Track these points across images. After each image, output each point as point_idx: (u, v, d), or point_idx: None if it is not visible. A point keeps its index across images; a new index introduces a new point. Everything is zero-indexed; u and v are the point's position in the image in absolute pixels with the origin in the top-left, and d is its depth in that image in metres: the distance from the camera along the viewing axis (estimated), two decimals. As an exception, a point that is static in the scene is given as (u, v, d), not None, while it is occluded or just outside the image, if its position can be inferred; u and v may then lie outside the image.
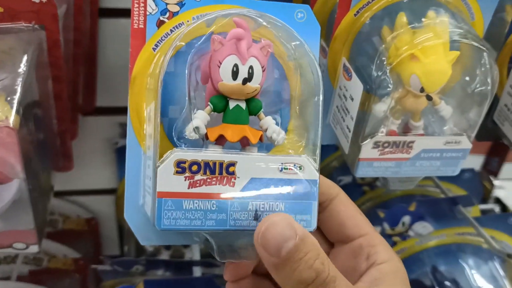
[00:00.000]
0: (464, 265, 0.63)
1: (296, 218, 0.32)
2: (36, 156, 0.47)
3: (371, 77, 0.41)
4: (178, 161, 0.31)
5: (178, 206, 0.31)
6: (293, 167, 0.33)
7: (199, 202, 0.32)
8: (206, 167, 0.31)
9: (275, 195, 0.32)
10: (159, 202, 0.31)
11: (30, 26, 0.42)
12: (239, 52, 0.32)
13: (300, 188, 0.33)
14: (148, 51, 0.36)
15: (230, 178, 0.32)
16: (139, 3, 0.35)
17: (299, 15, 0.36)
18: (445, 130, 0.45)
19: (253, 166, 0.32)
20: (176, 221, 0.31)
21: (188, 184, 0.31)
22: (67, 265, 0.74)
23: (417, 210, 0.63)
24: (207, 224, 0.32)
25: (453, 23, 0.40)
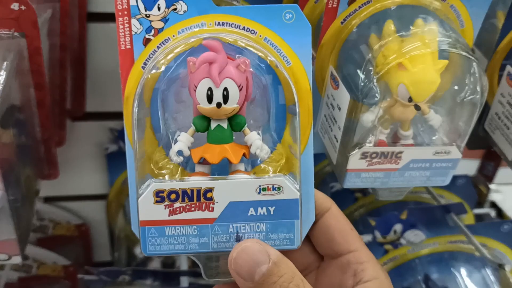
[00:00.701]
0: (456, 273, 0.63)
1: (279, 237, 0.33)
2: (18, 163, 0.46)
3: (358, 86, 0.41)
4: (156, 191, 0.32)
5: (161, 232, 0.33)
6: (272, 188, 0.33)
7: (181, 228, 0.33)
8: (184, 194, 0.33)
9: (256, 216, 0.33)
10: (142, 230, 0.33)
11: (9, 33, 0.41)
12: (211, 76, 0.32)
13: (281, 208, 0.33)
14: (137, 70, 0.36)
15: (208, 204, 0.33)
16: (123, 24, 0.35)
17: (288, 16, 0.36)
18: (434, 140, 0.44)
19: (231, 190, 0.33)
20: (161, 246, 0.33)
21: (168, 212, 0.33)
22: (56, 272, 0.73)
23: (408, 218, 0.63)
24: (190, 248, 0.33)
25: (441, 31, 0.40)
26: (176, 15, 0.36)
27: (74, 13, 0.60)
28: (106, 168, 0.77)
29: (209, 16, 0.37)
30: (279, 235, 0.33)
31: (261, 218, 0.33)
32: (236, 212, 0.33)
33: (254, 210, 0.33)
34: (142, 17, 0.35)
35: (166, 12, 0.36)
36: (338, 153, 0.44)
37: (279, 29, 0.35)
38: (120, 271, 0.59)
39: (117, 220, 0.79)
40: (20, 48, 0.42)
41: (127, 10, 0.35)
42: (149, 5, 0.35)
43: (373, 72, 0.40)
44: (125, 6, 0.35)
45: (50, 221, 0.79)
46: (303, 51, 0.35)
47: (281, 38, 0.36)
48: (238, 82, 0.33)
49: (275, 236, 0.33)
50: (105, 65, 0.69)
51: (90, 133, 0.74)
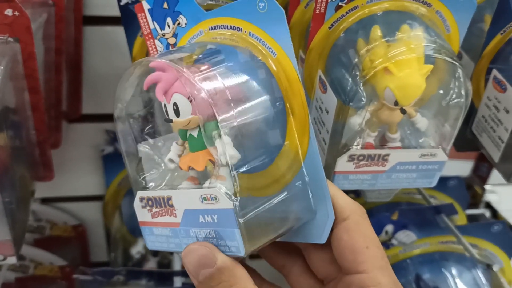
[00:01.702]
0: (447, 274, 0.63)
1: (227, 244, 0.33)
2: (13, 165, 0.47)
3: (346, 89, 0.41)
4: (140, 197, 0.37)
5: (151, 232, 0.37)
6: (210, 198, 0.33)
7: (161, 229, 0.36)
8: (155, 201, 0.36)
9: (205, 223, 0.33)
10: (142, 229, 0.38)
11: (3, 38, 0.42)
12: (157, 95, 0.33)
13: (221, 217, 0.33)
14: None
15: (172, 210, 0.35)
16: (151, 46, 0.40)
17: (261, 5, 0.34)
18: (421, 142, 0.45)
19: (184, 198, 0.34)
20: (154, 243, 0.38)
21: (151, 215, 0.37)
22: (53, 272, 0.74)
23: (400, 219, 0.63)
24: (170, 247, 0.36)
25: (427, 37, 0.40)
26: (181, 29, 0.39)
27: (69, 17, 0.61)
28: (102, 170, 0.78)
29: (203, 23, 0.38)
30: (226, 241, 0.33)
31: (209, 225, 0.33)
32: (191, 218, 0.34)
33: (202, 217, 0.33)
34: (161, 37, 0.40)
35: (174, 28, 0.39)
36: (326, 155, 0.45)
37: (257, 21, 0.35)
38: (115, 272, 0.60)
39: (114, 221, 0.80)
40: (14, 53, 0.43)
41: (150, 33, 0.40)
42: (162, 24, 0.39)
43: (360, 76, 0.41)
44: (148, 30, 0.40)
45: (47, 222, 0.80)
46: (283, 40, 0.34)
47: (262, 30, 0.35)
48: (186, 94, 0.32)
49: (223, 243, 0.33)
50: (101, 67, 0.70)
51: (86, 135, 0.75)
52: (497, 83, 0.46)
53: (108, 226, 0.81)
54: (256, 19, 0.34)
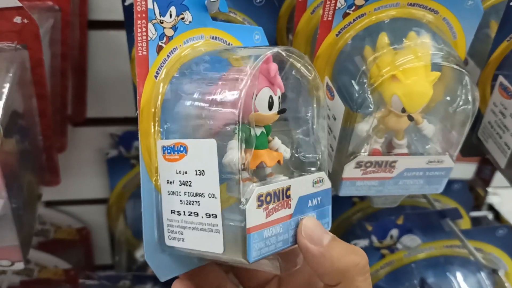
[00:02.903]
0: (452, 278, 0.63)
1: (323, 222, 0.37)
2: (20, 170, 0.47)
3: (353, 97, 0.42)
4: (258, 195, 0.33)
5: (260, 237, 0.33)
6: (319, 181, 0.37)
7: (272, 228, 0.34)
8: (275, 196, 0.34)
9: (312, 206, 0.36)
10: (249, 237, 0.32)
11: (12, 45, 0.42)
12: (278, 85, 0.34)
13: (324, 197, 0.37)
14: (151, 80, 0.35)
15: (288, 201, 0.35)
16: (141, 27, 0.34)
17: (256, 36, 0.41)
18: (428, 148, 0.45)
19: (300, 186, 0.35)
20: (260, 250, 0.33)
21: (265, 214, 0.33)
22: (58, 275, 0.74)
23: (405, 223, 0.63)
24: (277, 246, 0.34)
25: (434, 44, 0.40)
26: (184, 25, 0.36)
27: (75, 21, 0.61)
28: (107, 173, 0.78)
29: (207, 29, 0.38)
30: (323, 220, 0.37)
31: (314, 207, 0.36)
32: (302, 205, 0.35)
33: (311, 202, 0.36)
34: (157, 22, 0.35)
35: (176, 20, 0.36)
36: (333, 161, 0.45)
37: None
38: (121, 276, 0.60)
39: (118, 224, 0.80)
40: (23, 59, 0.43)
41: (145, 12, 0.34)
42: (163, 10, 0.35)
43: (367, 83, 0.41)
44: (144, 8, 0.34)
45: (52, 225, 0.80)
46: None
47: None
48: (282, 91, 0.35)
49: (321, 222, 0.36)
50: (106, 71, 0.70)
51: (91, 138, 0.75)
52: (503, 89, 0.46)
53: (112, 229, 0.81)
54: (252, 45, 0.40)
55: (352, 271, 0.33)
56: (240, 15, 0.49)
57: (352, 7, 0.42)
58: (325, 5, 0.41)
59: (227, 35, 0.38)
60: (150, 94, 0.35)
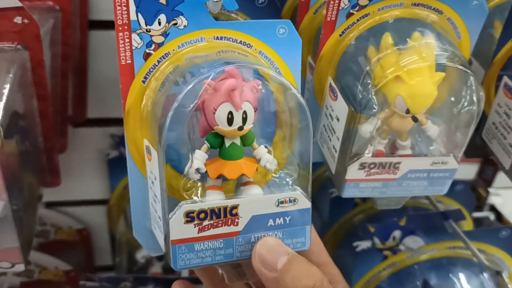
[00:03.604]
0: (455, 279, 0.63)
1: (292, 242, 0.37)
2: (21, 171, 0.47)
3: (357, 97, 0.41)
4: (187, 212, 0.34)
5: (190, 249, 0.35)
6: (288, 201, 0.36)
7: (208, 243, 0.35)
8: (212, 213, 0.35)
9: (274, 226, 0.36)
10: (173, 248, 0.35)
11: (12, 46, 0.42)
12: (233, 102, 0.33)
13: (295, 217, 0.36)
14: (138, 85, 0.37)
15: (234, 219, 0.35)
16: (123, 38, 0.35)
17: (281, 30, 0.38)
18: (432, 149, 0.45)
19: (253, 205, 0.35)
20: (190, 261, 0.35)
21: (197, 229, 0.35)
22: (58, 276, 0.74)
23: (407, 224, 0.63)
24: (216, 259, 0.36)
25: (438, 44, 0.40)
26: (177, 30, 0.36)
27: (75, 21, 0.61)
28: (107, 174, 0.78)
29: (208, 30, 0.37)
30: (293, 240, 0.37)
31: (279, 227, 0.36)
32: (257, 224, 0.36)
33: (273, 221, 0.36)
34: (143, 32, 0.35)
35: (166, 27, 0.36)
36: (336, 163, 0.45)
37: (272, 43, 0.38)
38: (122, 278, 0.60)
39: (118, 225, 0.80)
40: (23, 60, 0.43)
41: (128, 25, 0.35)
42: (150, 20, 0.35)
43: (371, 84, 0.41)
44: (125, 21, 0.35)
45: (52, 226, 0.80)
46: (293, 63, 0.39)
47: (274, 51, 0.38)
48: (253, 104, 0.34)
49: (289, 241, 0.37)
50: (106, 71, 0.69)
51: (91, 139, 0.75)
52: (507, 90, 0.46)
53: (113, 230, 0.81)
54: (271, 41, 0.38)
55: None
56: (242, 15, 0.49)
57: (356, 7, 0.42)
58: (329, 5, 0.41)
59: (237, 33, 0.38)
60: (137, 97, 0.37)
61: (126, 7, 0.35)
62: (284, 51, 0.38)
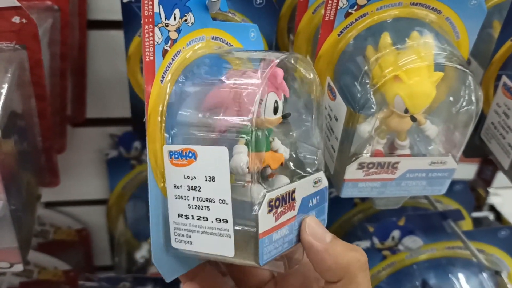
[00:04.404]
0: (454, 279, 0.63)
1: (320, 219, 0.38)
2: (19, 171, 0.47)
3: (355, 97, 0.41)
4: (269, 200, 0.33)
5: (270, 240, 0.34)
6: (318, 181, 0.38)
7: (280, 231, 0.35)
8: (282, 200, 0.34)
9: (312, 206, 0.38)
10: (261, 242, 0.33)
11: (11, 45, 0.42)
12: (283, 91, 0.35)
13: (321, 196, 0.38)
14: (157, 84, 0.35)
15: (293, 204, 0.35)
16: (148, 32, 0.33)
17: (252, 34, 0.41)
18: (430, 149, 0.45)
19: (303, 187, 0.36)
20: (269, 253, 0.34)
21: (274, 218, 0.34)
22: (57, 276, 0.73)
23: (406, 224, 0.63)
24: (283, 248, 0.35)
25: (437, 44, 0.40)
26: (187, 26, 0.36)
27: (74, 21, 0.61)
28: (107, 174, 0.78)
29: (208, 29, 0.37)
30: (320, 218, 0.38)
31: (314, 206, 0.38)
32: (304, 205, 0.36)
33: (311, 201, 0.37)
34: (163, 26, 0.34)
35: (180, 23, 0.35)
36: (335, 163, 0.45)
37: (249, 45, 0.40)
38: (121, 278, 0.60)
39: (118, 225, 0.80)
40: (21, 60, 0.42)
41: (152, 17, 0.33)
42: (168, 13, 0.34)
43: (370, 84, 0.40)
44: (151, 12, 0.33)
45: (51, 226, 0.80)
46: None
47: None
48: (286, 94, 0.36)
49: (320, 219, 0.38)
50: (105, 71, 0.69)
51: (90, 139, 0.75)
52: (506, 89, 0.46)
53: (112, 230, 0.81)
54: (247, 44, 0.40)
55: (354, 267, 0.34)
56: (239, 16, 0.48)
57: (354, 6, 0.42)
58: (327, 5, 0.41)
59: (226, 34, 0.39)
60: (157, 99, 0.35)
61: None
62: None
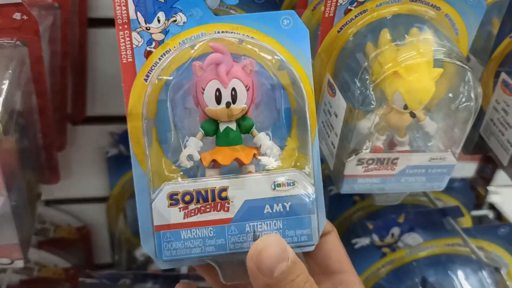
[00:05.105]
0: (453, 276, 0.63)
1: (296, 233, 0.33)
2: (20, 168, 0.47)
3: (355, 93, 0.41)
4: (170, 193, 0.32)
5: (176, 236, 0.32)
6: (286, 184, 0.33)
7: (196, 230, 0.32)
8: (198, 195, 0.32)
9: (272, 213, 0.33)
10: (157, 235, 0.32)
11: (11, 42, 0.42)
12: (219, 77, 0.32)
13: (297, 203, 0.33)
14: (140, 83, 0.36)
15: (223, 203, 0.32)
16: (124, 37, 0.35)
17: (285, 21, 0.36)
18: (430, 146, 0.45)
19: (246, 188, 0.32)
20: (177, 251, 0.32)
21: (183, 214, 0.32)
22: (57, 274, 0.74)
23: (406, 221, 0.63)
24: (207, 251, 0.32)
25: (436, 40, 0.40)
26: (176, 27, 0.36)
27: (74, 19, 0.61)
28: (107, 172, 0.78)
29: (208, 25, 0.37)
30: (296, 231, 0.33)
31: (277, 215, 0.33)
32: (252, 210, 0.32)
33: (270, 207, 0.32)
34: (143, 30, 0.36)
35: (166, 24, 0.36)
36: (335, 159, 0.45)
37: (277, 35, 0.36)
38: (121, 275, 0.60)
39: (118, 223, 0.80)
40: (22, 56, 0.43)
41: (127, 24, 0.35)
42: (149, 18, 0.36)
43: (369, 80, 0.41)
44: (125, 20, 0.35)
45: (51, 224, 0.80)
46: (302, 55, 0.37)
47: (280, 44, 0.37)
48: (245, 83, 0.33)
49: (292, 233, 0.33)
50: (105, 69, 0.69)
51: (90, 137, 0.75)
52: (505, 86, 0.46)
53: (112, 228, 0.81)
54: (275, 33, 0.36)
55: None
56: (240, 12, 0.49)
57: (354, 3, 0.42)
58: (327, 1, 0.41)
59: (238, 26, 0.37)
60: (139, 96, 0.36)
61: (126, 6, 0.35)
62: (289, 43, 0.36)
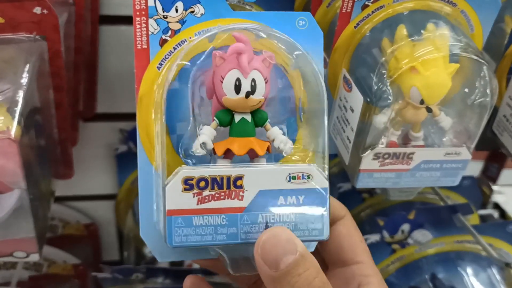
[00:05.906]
0: (462, 273, 0.63)
1: (308, 228, 0.33)
2: (37, 163, 0.47)
3: (371, 89, 0.42)
4: (185, 178, 0.31)
5: (188, 222, 0.31)
6: (301, 176, 0.33)
7: (209, 217, 0.32)
8: (213, 182, 0.32)
9: (285, 205, 0.32)
10: (168, 220, 0.31)
11: (31, 36, 0.42)
12: (240, 66, 0.32)
13: (310, 197, 0.33)
14: (153, 70, 0.36)
15: (238, 192, 0.32)
16: (140, 23, 0.35)
17: (301, 22, 0.37)
18: (444, 141, 0.45)
19: (261, 178, 0.32)
20: (187, 237, 0.32)
21: (197, 200, 0.31)
22: (66, 270, 0.74)
23: (416, 218, 0.63)
24: (218, 239, 0.32)
25: (452, 36, 0.41)
26: (194, 18, 0.36)
27: (87, 16, 0.61)
28: (116, 169, 0.78)
29: (225, 20, 0.37)
30: (308, 225, 0.32)
31: (290, 207, 0.32)
32: (266, 201, 0.32)
33: (283, 199, 0.32)
34: (160, 18, 0.36)
35: (183, 14, 0.36)
36: (350, 154, 0.45)
37: (293, 34, 0.36)
38: (134, 269, 0.60)
39: (126, 220, 0.80)
40: (41, 51, 0.43)
41: (145, 10, 0.35)
42: (167, 6, 0.36)
43: (386, 75, 0.41)
44: (143, 6, 0.35)
45: (60, 221, 0.80)
46: (316, 56, 0.37)
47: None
48: (264, 75, 0.33)
49: (304, 227, 0.32)
50: (116, 66, 0.70)
51: (100, 133, 0.75)
52: (519, 82, 0.46)
53: (121, 225, 0.81)
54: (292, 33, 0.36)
55: None
56: (256, 8, 0.49)
57: (371, -1, 0.42)
58: (344, -3, 0.42)
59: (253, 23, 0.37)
60: (151, 84, 0.36)
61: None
62: (304, 43, 0.36)
